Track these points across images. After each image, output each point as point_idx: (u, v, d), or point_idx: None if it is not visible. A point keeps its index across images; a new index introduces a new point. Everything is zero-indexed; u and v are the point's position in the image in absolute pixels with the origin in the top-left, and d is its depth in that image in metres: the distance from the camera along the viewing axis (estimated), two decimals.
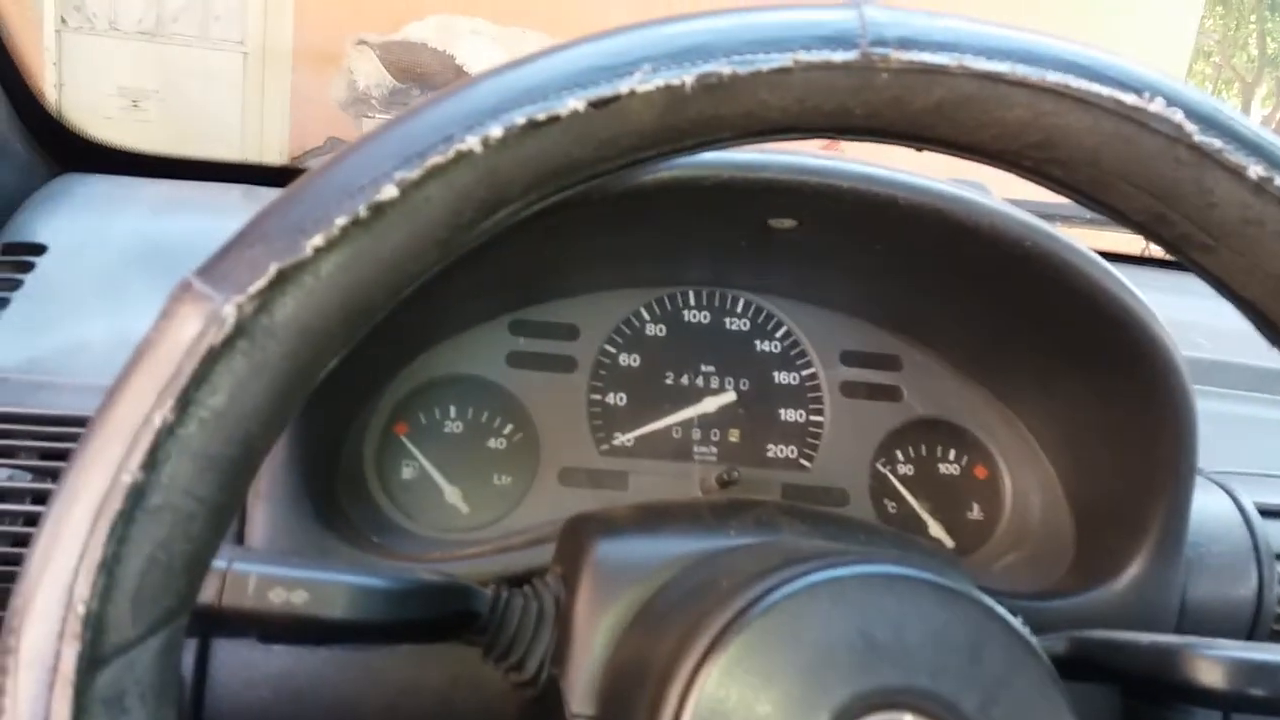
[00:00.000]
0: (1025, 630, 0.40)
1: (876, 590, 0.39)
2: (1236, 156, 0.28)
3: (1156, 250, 1.05)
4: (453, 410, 0.69)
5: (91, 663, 0.25)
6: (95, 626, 0.25)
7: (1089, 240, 0.65)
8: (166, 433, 0.26)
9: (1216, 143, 0.28)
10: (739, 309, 0.74)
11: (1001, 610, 0.39)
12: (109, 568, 0.25)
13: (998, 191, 0.61)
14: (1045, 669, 0.39)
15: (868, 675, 0.37)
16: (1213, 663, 0.48)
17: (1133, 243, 1.06)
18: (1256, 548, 0.67)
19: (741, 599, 0.39)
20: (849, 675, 0.37)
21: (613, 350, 0.72)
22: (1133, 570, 0.63)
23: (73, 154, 0.84)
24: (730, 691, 0.37)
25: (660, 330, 0.73)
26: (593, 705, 0.46)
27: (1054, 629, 0.56)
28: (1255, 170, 0.28)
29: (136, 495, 0.26)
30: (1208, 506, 0.69)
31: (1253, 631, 0.66)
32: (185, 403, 0.26)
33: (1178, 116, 0.28)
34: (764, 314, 0.74)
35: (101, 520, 0.25)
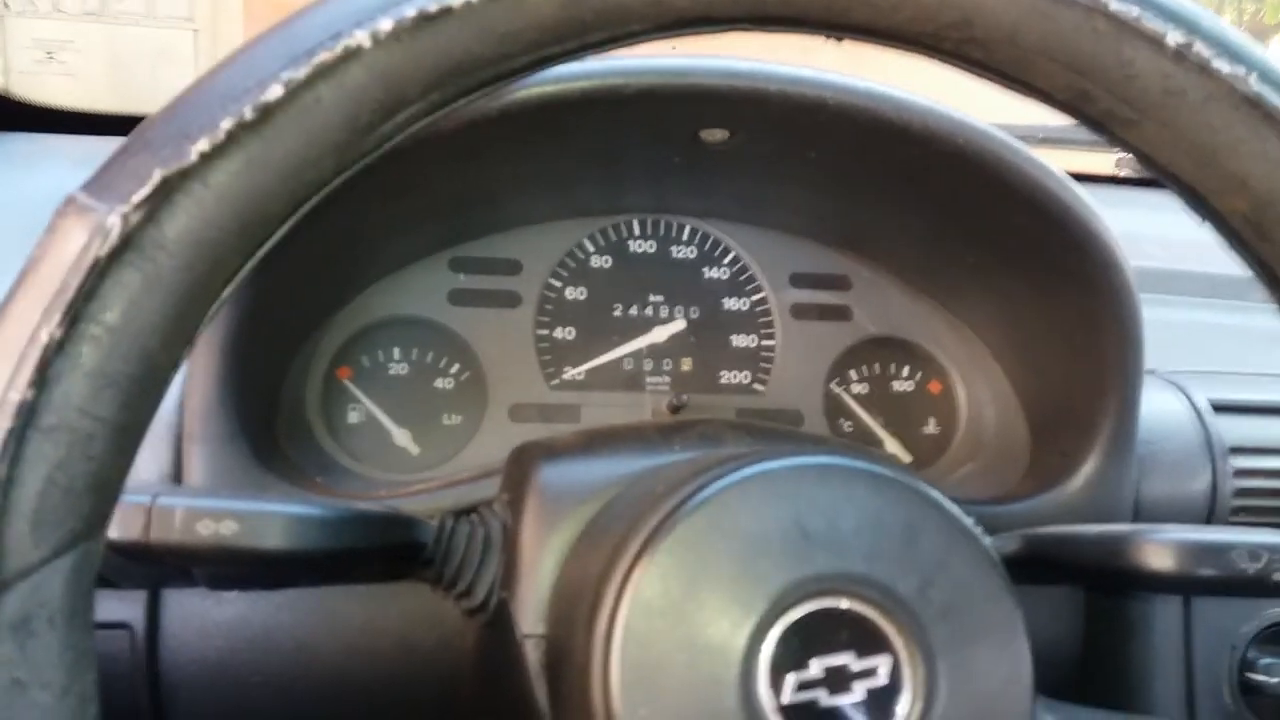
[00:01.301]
0: (959, 513, 0.39)
1: (809, 480, 0.38)
2: (1154, 24, 0.27)
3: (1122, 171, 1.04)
4: (396, 351, 0.68)
5: None
6: None
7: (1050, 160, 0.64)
8: (55, 349, 0.25)
9: (1134, 10, 0.27)
10: (685, 236, 0.73)
11: (936, 494, 0.39)
12: (3, 489, 0.25)
13: None
14: (982, 550, 0.39)
15: (803, 563, 0.36)
16: (1160, 546, 0.48)
17: (1097, 162, 1.06)
18: (1209, 443, 0.67)
19: (675, 498, 0.38)
20: (784, 564, 0.36)
21: (558, 284, 0.71)
22: (1086, 470, 0.63)
23: None
24: (666, 587, 0.37)
25: (606, 261, 0.72)
26: (542, 624, 0.45)
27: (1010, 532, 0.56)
28: (1174, 37, 0.27)
29: (28, 414, 0.25)
30: (1161, 405, 0.69)
31: (1208, 524, 0.66)
32: (74, 318, 0.25)
33: None
34: (710, 240, 0.73)
35: None
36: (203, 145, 0.26)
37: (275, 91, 0.26)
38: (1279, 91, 0.28)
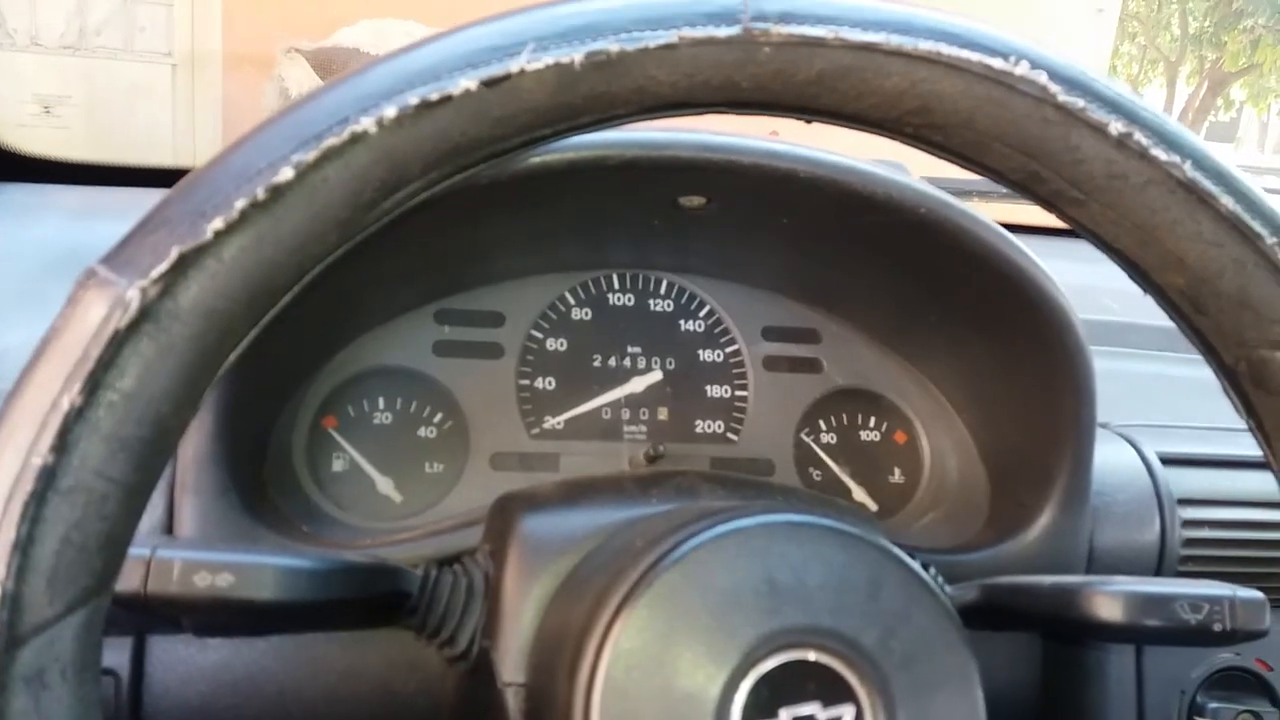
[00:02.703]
0: (920, 569, 0.42)
1: (779, 537, 0.40)
2: (1098, 114, 0.30)
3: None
4: (381, 401, 0.70)
5: (10, 641, 0.26)
6: (12, 606, 0.26)
7: (1003, 214, 0.67)
8: (75, 415, 0.27)
9: (1079, 102, 0.30)
10: (662, 290, 0.76)
11: (898, 551, 0.41)
12: (23, 548, 0.26)
13: (917, 172, 0.63)
14: (940, 604, 0.41)
15: (772, 617, 0.38)
16: (1108, 597, 0.51)
17: (1045, 215, 1.09)
18: (1159, 494, 0.70)
19: (653, 554, 0.40)
20: (755, 618, 0.38)
21: (539, 335, 0.73)
22: (1042, 521, 0.65)
23: None
24: (644, 640, 0.38)
25: (586, 314, 0.74)
26: (523, 673, 0.47)
27: (970, 580, 0.59)
28: (1116, 127, 0.30)
29: (48, 477, 0.26)
30: (1113, 457, 0.72)
31: (1158, 574, 0.69)
32: (93, 386, 0.27)
33: (1042, 78, 0.30)
34: (687, 294, 0.76)
35: (14, 502, 0.26)
36: (217, 224, 0.27)
37: (286, 174, 0.28)
38: (1211, 178, 0.31)
